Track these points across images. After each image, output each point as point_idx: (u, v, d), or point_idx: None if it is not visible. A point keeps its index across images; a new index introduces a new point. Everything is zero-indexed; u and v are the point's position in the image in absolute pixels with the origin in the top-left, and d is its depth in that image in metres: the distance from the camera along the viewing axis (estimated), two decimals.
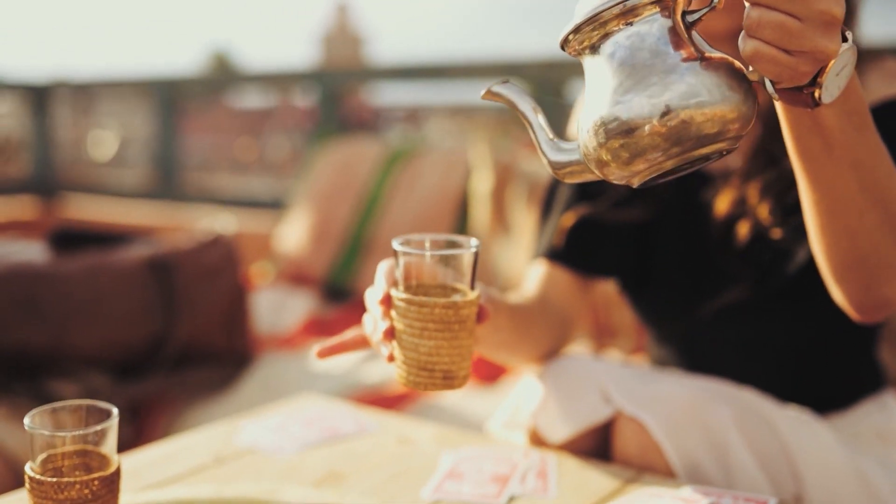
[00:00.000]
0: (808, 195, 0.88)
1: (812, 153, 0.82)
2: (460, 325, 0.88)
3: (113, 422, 0.81)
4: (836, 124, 0.79)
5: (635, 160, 0.72)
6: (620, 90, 0.72)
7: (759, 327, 1.19)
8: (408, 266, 0.90)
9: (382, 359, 0.92)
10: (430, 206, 2.66)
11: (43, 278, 1.91)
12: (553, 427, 1.06)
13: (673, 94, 0.70)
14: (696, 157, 0.73)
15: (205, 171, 4.86)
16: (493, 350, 1.08)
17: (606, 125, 0.72)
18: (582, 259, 1.24)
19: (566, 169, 0.79)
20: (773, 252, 1.13)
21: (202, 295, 2.03)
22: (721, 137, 0.71)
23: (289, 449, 1.06)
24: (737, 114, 0.71)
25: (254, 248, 3.24)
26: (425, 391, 0.90)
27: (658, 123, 0.70)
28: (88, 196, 4.34)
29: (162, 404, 2.00)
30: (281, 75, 3.89)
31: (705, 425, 1.01)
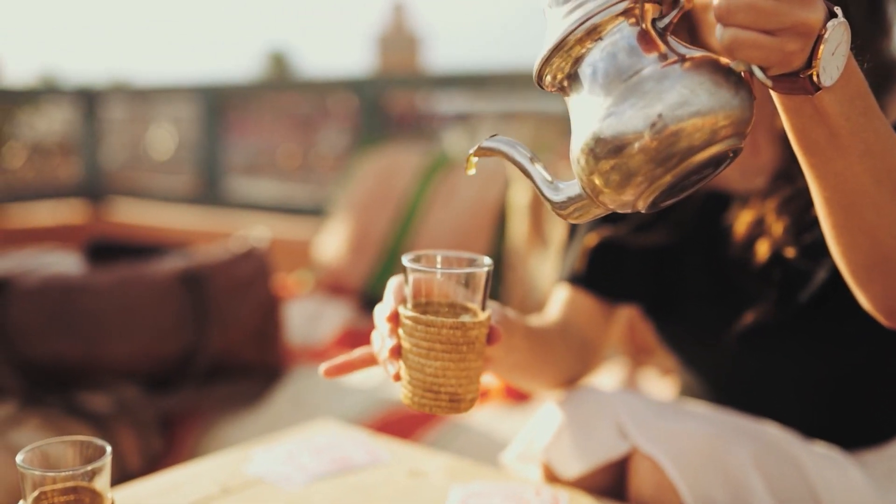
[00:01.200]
0: (818, 193, 0.81)
1: (817, 145, 0.76)
2: (468, 346, 0.85)
3: (106, 459, 0.80)
4: (840, 110, 0.72)
5: (631, 179, 0.68)
6: (602, 110, 0.68)
7: (786, 355, 1.15)
8: (417, 283, 0.87)
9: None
10: (469, 217, 2.64)
11: (76, 290, 1.92)
12: (567, 462, 1.03)
13: (658, 102, 0.66)
14: (697, 165, 0.68)
15: (249, 175, 4.88)
16: (507, 372, 1.04)
17: (593, 149, 0.69)
18: (604, 283, 1.21)
19: (570, 208, 0.76)
20: (792, 272, 1.08)
21: (234, 308, 2.02)
22: (717, 138, 0.67)
23: (297, 480, 1.05)
24: (729, 111, 0.66)
25: (294, 256, 3.25)
26: (431, 413, 0.88)
27: (647, 135, 0.66)
28: (135, 201, 4.39)
29: (193, 417, 2.00)
30: (324, 82, 3.89)
31: (724, 465, 0.97)
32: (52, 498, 0.79)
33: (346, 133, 3.63)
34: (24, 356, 1.87)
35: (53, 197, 4.41)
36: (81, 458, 0.82)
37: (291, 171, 5.06)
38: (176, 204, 4.20)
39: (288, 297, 2.72)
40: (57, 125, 5.31)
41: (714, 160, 0.69)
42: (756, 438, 1.02)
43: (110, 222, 4.21)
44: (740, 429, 1.03)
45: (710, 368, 1.23)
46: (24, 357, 1.87)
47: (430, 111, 6.17)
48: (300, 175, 5.05)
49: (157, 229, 3.94)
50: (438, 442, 1.71)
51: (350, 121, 3.56)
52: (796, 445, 1.06)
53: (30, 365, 1.87)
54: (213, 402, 1.99)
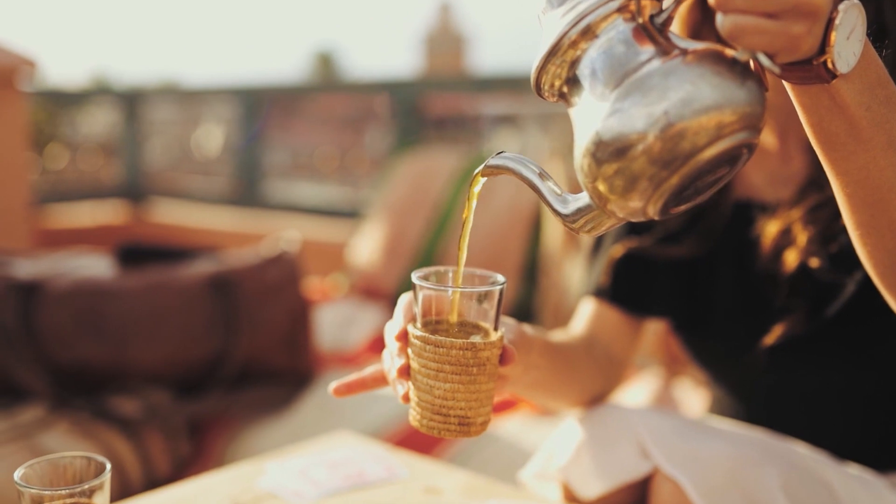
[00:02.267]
0: (840, 190, 0.75)
1: (837, 138, 0.70)
2: (479, 368, 0.81)
3: (105, 476, 0.79)
4: (859, 99, 0.67)
5: (636, 183, 0.64)
6: (602, 111, 0.65)
7: (816, 371, 1.10)
8: (427, 301, 0.83)
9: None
10: (503, 222, 2.60)
11: (105, 294, 1.92)
12: (586, 482, 0.99)
13: (661, 100, 0.62)
14: (705, 164, 0.64)
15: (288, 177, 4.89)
16: (526, 391, 1.00)
17: (594, 152, 0.65)
18: (630, 297, 1.17)
19: (581, 220, 0.73)
20: (821, 285, 1.04)
21: (263, 312, 2.01)
22: (724, 133, 0.63)
23: (309, 496, 1.02)
24: (736, 104, 0.62)
25: (330, 259, 3.24)
26: (439, 437, 0.84)
27: (650, 135, 0.62)
28: (175, 202, 4.41)
29: (221, 422, 1.99)
30: (361, 84, 3.88)
31: (749, 488, 0.93)
32: None
33: (384, 135, 3.61)
34: (53, 359, 1.87)
35: (95, 197, 4.45)
36: (81, 475, 0.80)
37: (329, 173, 5.06)
38: (215, 205, 4.22)
39: (322, 300, 2.71)
40: (100, 126, 5.36)
41: (726, 157, 0.65)
42: (784, 459, 0.98)
43: (150, 223, 4.24)
44: (768, 449, 0.99)
45: (739, 384, 1.19)
46: (53, 360, 1.87)
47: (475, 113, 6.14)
48: (338, 177, 5.04)
49: (195, 230, 3.96)
50: (465, 452, 1.69)
51: (387, 123, 3.54)
52: (827, 467, 1.01)
53: (59, 368, 1.88)
54: (242, 408, 1.98)
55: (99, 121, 5.32)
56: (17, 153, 3.18)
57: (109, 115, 4.95)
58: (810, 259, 1.02)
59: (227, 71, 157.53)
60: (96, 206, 4.40)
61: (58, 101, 5.20)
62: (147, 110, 4.74)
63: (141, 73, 62.40)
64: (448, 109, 5.53)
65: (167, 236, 4.03)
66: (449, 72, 21.79)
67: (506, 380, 0.91)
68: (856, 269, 0.97)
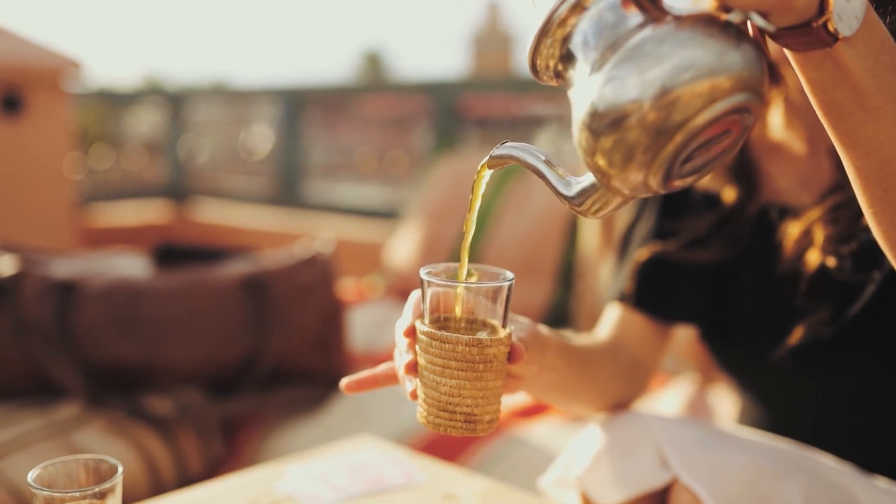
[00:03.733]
0: (850, 164, 0.72)
1: (843, 108, 0.67)
2: (485, 365, 0.80)
3: (117, 479, 0.79)
4: (864, 65, 0.65)
5: (633, 153, 0.63)
6: (596, 83, 0.63)
7: (844, 377, 1.08)
8: (435, 297, 0.82)
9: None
10: (541, 224, 2.59)
11: (140, 294, 1.94)
12: (604, 490, 0.98)
13: (655, 66, 0.61)
14: (702, 127, 0.62)
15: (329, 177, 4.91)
16: (542, 392, 0.99)
17: (589, 125, 0.64)
18: (655, 303, 1.15)
19: (587, 202, 0.71)
20: (844, 287, 1.01)
21: (296, 314, 2.02)
22: (720, 95, 0.61)
23: (327, 499, 1.02)
24: (730, 66, 0.61)
25: (368, 260, 3.25)
26: (446, 434, 0.83)
27: (644, 103, 0.61)
28: (218, 201, 4.46)
29: (253, 422, 2.01)
30: (401, 84, 3.88)
31: (768, 501, 0.92)
32: None
33: (424, 136, 3.61)
34: (89, 358, 1.90)
35: (140, 197, 4.51)
36: (94, 478, 0.81)
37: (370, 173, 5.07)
38: (257, 205, 4.25)
39: (357, 301, 2.72)
40: (146, 126, 5.43)
41: (724, 122, 0.63)
42: (807, 471, 0.96)
43: (193, 222, 4.29)
44: (792, 461, 0.97)
45: (765, 392, 1.17)
46: (89, 359, 1.90)
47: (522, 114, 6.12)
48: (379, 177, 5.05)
49: (236, 230, 3.99)
50: (492, 458, 1.68)
51: (427, 124, 3.54)
52: (853, 479, 0.99)
53: (94, 367, 1.90)
54: (274, 408, 1.99)
55: (145, 121, 5.39)
56: (61, 153, 3.23)
57: (155, 116, 5.01)
58: (827, 259, 1.00)
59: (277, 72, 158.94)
60: (140, 205, 4.46)
61: (106, 101, 5.28)
62: (192, 110, 4.79)
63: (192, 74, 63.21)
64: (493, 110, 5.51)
65: (209, 235, 4.07)
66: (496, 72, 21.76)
67: (520, 380, 0.90)
68: (877, 268, 0.95)
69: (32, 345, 1.88)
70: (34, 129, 3.14)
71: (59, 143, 3.21)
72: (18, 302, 1.90)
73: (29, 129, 3.13)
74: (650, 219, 1.19)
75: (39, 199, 3.15)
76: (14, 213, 3.08)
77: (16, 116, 3.10)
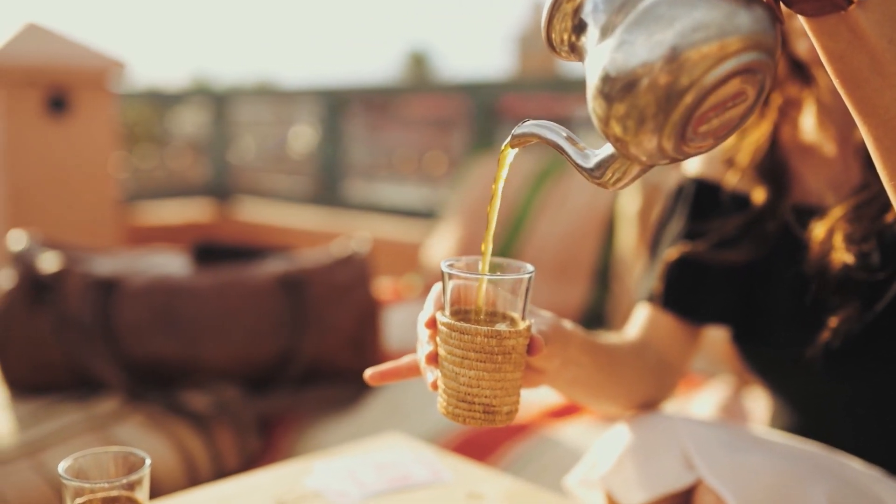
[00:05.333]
0: (867, 133, 0.70)
1: (860, 74, 0.66)
2: (504, 356, 0.81)
3: (145, 471, 0.81)
4: (880, 31, 0.64)
5: (646, 116, 0.62)
6: (608, 48, 0.63)
7: (873, 379, 1.07)
8: (455, 289, 0.83)
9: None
10: (578, 225, 2.59)
11: (179, 292, 1.98)
12: (628, 490, 0.98)
13: (667, 28, 0.60)
14: (712, 86, 0.61)
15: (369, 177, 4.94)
16: (567, 388, 0.99)
17: (602, 89, 0.63)
18: (684, 303, 1.15)
19: (607, 173, 0.71)
20: (869, 284, 1.00)
21: (331, 313, 2.04)
22: (729, 54, 0.60)
23: (353, 496, 1.04)
24: (741, 27, 0.60)
25: (406, 259, 3.26)
26: (465, 424, 0.84)
27: (655, 65, 0.61)
28: (259, 200, 4.50)
29: (289, 419, 2.03)
30: (440, 85, 3.90)
31: (793, 503, 0.91)
32: None
33: (463, 137, 3.62)
34: (128, 354, 1.93)
35: (183, 196, 4.57)
36: (123, 469, 0.83)
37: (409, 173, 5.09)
38: (298, 204, 4.28)
39: (394, 300, 2.73)
40: (190, 126, 5.50)
41: (736, 82, 0.63)
42: (833, 474, 0.95)
43: (235, 221, 4.34)
44: (817, 464, 0.97)
45: (795, 394, 1.16)
46: (128, 355, 1.93)
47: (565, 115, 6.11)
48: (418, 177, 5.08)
49: (277, 229, 4.03)
50: (522, 458, 1.68)
51: (467, 124, 3.55)
52: (881, 483, 0.98)
53: (134, 363, 1.93)
54: (309, 405, 2.01)
55: (190, 121, 5.46)
56: (106, 152, 3.28)
57: (200, 116, 5.08)
58: (847, 256, 0.99)
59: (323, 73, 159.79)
60: (184, 204, 4.52)
61: (152, 101, 5.36)
62: (236, 110, 4.84)
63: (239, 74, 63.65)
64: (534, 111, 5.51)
65: (250, 234, 4.11)
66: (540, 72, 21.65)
67: (542, 374, 0.90)
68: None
69: (74, 340, 1.92)
70: (80, 128, 3.20)
71: (104, 143, 3.27)
72: (61, 298, 1.94)
73: (74, 128, 3.19)
74: (680, 219, 1.18)
75: (84, 198, 3.21)
76: (59, 211, 3.14)
77: (62, 116, 3.16)
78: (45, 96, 3.13)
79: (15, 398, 1.92)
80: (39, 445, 1.73)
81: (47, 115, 3.14)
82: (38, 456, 1.71)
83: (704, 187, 1.18)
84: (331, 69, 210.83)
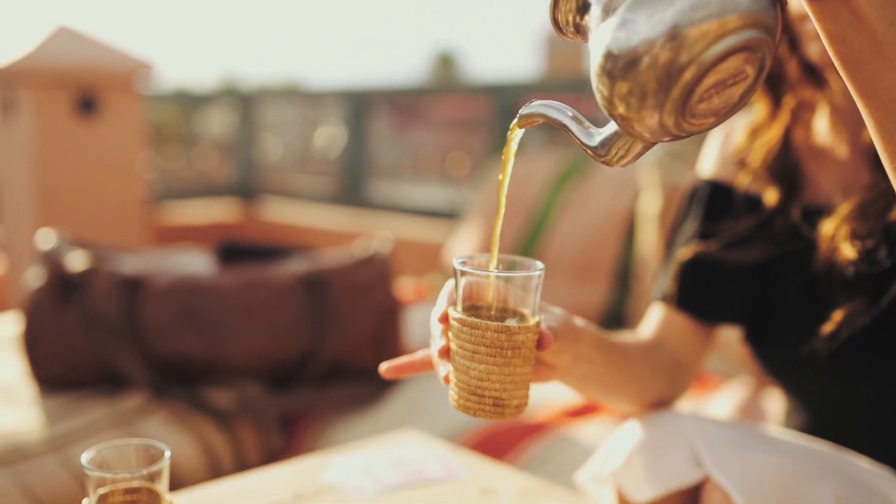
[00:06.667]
0: (869, 115, 0.70)
1: (861, 56, 0.67)
2: (513, 351, 0.83)
3: (164, 462, 0.83)
4: (881, 14, 0.64)
5: (647, 93, 0.64)
6: (610, 27, 0.65)
7: (883, 379, 1.08)
8: (467, 286, 0.85)
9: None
10: (599, 226, 2.60)
11: (203, 291, 2.01)
12: (637, 486, 1.00)
13: (667, 6, 0.62)
14: (711, 63, 0.63)
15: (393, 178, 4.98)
16: (578, 384, 1.01)
17: (604, 67, 0.65)
18: (697, 303, 1.16)
19: (612, 151, 0.73)
20: (877, 280, 1.01)
21: (353, 312, 2.06)
22: (728, 31, 0.62)
23: (369, 490, 1.06)
24: (738, 4, 0.62)
25: (429, 259, 3.29)
26: (475, 417, 0.86)
27: (657, 42, 0.62)
28: (285, 200, 4.54)
29: (310, 416, 2.06)
30: (463, 86, 3.92)
31: (800, 501, 0.92)
32: (112, 498, 0.83)
33: (486, 138, 3.64)
34: (153, 351, 1.97)
35: (210, 196, 4.61)
36: (144, 461, 0.86)
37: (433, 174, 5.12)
38: (323, 204, 4.32)
39: (416, 300, 2.75)
40: (217, 127, 5.56)
41: (735, 59, 0.64)
42: (841, 473, 0.96)
43: (260, 221, 4.38)
44: (826, 463, 0.98)
45: (808, 394, 1.17)
46: (153, 352, 1.97)
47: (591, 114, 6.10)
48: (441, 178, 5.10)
49: (301, 229, 4.06)
50: (541, 457, 1.70)
51: (489, 126, 3.57)
52: (891, 483, 0.99)
53: (158, 360, 1.97)
54: (330, 403, 2.04)
55: (217, 121, 5.52)
56: (133, 152, 3.33)
57: (226, 116, 5.13)
58: (849, 251, 1.00)
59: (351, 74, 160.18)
60: (210, 204, 4.56)
61: (180, 102, 5.42)
62: (262, 111, 4.89)
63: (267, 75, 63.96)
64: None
65: (274, 234, 4.15)
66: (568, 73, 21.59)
67: (553, 369, 0.92)
68: None
69: (100, 338, 1.95)
70: (108, 129, 3.25)
71: (132, 143, 3.32)
72: (88, 297, 1.98)
73: (103, 129, 3.24)
74: (694, 221, 1.20)
75: (112, 197, 3.26)
76: (87, 210, 3.19)
77: (91, 117, 3.21)
78: (75, 97, 3.18)
79: (43, 394, 1.96)
80: (66, 440, 1.77)
81: (76, 116, 3.19)
82: (65, 450, 1.74)
83: (718, 189, 1.19)
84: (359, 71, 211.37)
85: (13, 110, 3.20)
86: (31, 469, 1.69)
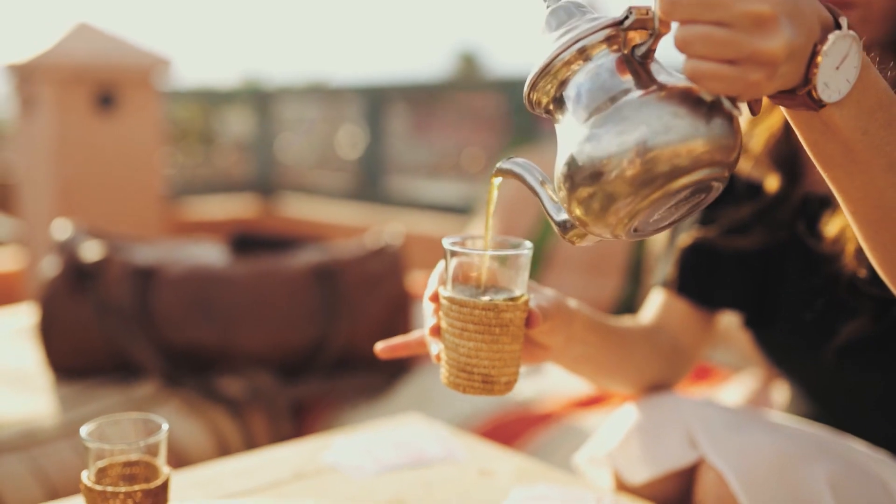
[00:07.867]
0: (844, 205, 0.75)
1: (833, 160, 0.70)
2: (501, 328, 0.85)
3: (161, 435, 0.85)
4: (855, 124, 0.67)
5: (608, 207, 0.68)
6: (580, 136, 0.68)
7: (885, 371, 1.08)
8: (457, 265, 0.87)
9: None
10: None
11: (216, 281, 2.03)
12: (633, 467, 1.01)
13: (633, 130, 0.65)
14: (671, 193, 0.67)
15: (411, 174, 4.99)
16: (573, 364, 1.02)
17: (569, 175, 0.69)
18: (697, 288, 1.17)
19: (571, 232, 0.76)
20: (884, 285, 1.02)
21: (363, 302, 2.08)
22: (693, 167, 0.65)
23: (368, 470, 1.07)
24: (700, 140, 0.65)
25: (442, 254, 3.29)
26: (464, 393, 0.88)
27: (622, 162, 0.66)
28: (303, 196, 4.56)
29: (321, 406, 2.07)
30: (477, 83, 3.92)
31: (794, 483, 0.93)
32: (111, 470, 0.85)
33: (501, 134, 3.65)
34: (166, 340, 1.99)
35: (228, 192, 4.65)
36: (142, 434, 0.87)
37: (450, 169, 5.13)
38: (341, 201, 4.34)
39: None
40: (236, 124, 5.59)
41: (694, 189, 0.68)
42: (838, 457, 0.97)
43: (278, 217, 4.40)
44: (821, 445, 0.98)
45: (808, 381, 1.17)
46: (166, 341, 1.99)
47: None
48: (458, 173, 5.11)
49: (318, 224, 4.08)
50: (550, 445, 1.71)
51: (504, 121, 3.58)
52: (884, 464, 0.99)
53: (171, 348, 1.99)
54: (340, 393, 2.05)
55: (236, 118, 5.55)
56: (152, 148, 3.36)
57: (246, 113, 5.16)
58: (859, 270, 1.00)
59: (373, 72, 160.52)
60: (228, 200, 4.60)
61: (201, 99, 5.46)
62: (282, 108, 4.91)
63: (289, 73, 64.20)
64: None
65: (290, 229, 4.17)
66: None
67: (547, 350, 0.93)
68: None
69: (114, 326, 1.98)
70: (126, 124, 3.28)
71: (150, 139, 3.35)
72: (102, 286, 2.01)
73: (122, 124, 3.27)
74: None
75: (130, 192, 3.29)
76: (106, 204, 3.22)
77: (110, 112, 3.24)
78: (94, 93, 3.21)
79: (57, 381, 1.99)
80: (80, 427, 1.79)
81: (96, 112, 3.23)
82: (78, 437, 1.77)
83: None
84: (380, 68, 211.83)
85: (33, 106, 3.24)
86: (44, 454, 1.71)
